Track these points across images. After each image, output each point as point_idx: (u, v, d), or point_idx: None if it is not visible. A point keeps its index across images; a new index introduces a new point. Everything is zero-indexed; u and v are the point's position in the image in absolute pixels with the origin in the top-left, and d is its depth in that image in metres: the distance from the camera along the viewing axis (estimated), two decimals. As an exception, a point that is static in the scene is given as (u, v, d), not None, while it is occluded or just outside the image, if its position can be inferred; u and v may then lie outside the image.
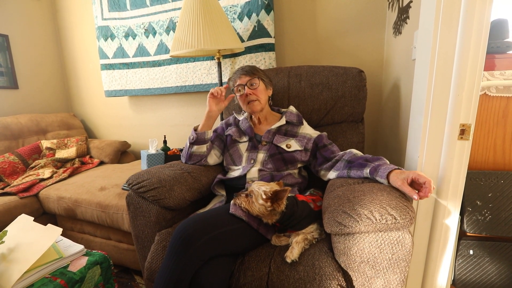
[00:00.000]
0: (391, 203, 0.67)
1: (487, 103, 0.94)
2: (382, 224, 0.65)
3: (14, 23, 2.03)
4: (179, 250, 0.71)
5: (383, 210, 0.66)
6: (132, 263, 1.37)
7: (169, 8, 1.77)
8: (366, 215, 0.66)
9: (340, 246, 0.73)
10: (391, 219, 0.65)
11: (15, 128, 1.84)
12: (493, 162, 0.97)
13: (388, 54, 1.39)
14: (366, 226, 0.66)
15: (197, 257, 0.71)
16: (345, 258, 0.71)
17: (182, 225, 0.76)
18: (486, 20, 0.75)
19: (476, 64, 0.77)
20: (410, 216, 0.65)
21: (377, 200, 0.69)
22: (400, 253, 0.67)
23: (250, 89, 1.08)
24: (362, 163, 0.89)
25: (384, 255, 0.67)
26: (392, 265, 0.67)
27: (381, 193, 0.72)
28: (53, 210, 1.50)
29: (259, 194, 0.80)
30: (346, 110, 1.22)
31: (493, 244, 0.98)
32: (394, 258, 0.67)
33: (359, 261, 0.69)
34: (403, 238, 0.67)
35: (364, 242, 0.68)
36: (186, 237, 0.72)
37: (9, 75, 2.02)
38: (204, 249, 0.72)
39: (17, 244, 0.86)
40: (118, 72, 2.01)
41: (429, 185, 0.69)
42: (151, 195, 0.93)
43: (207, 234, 0.74)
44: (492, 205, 0.96)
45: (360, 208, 0.68)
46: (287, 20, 1.60)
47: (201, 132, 1.09)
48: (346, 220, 0.68)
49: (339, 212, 0.71)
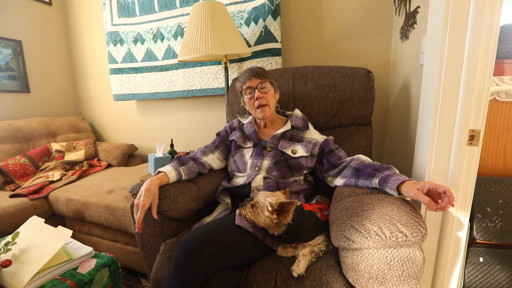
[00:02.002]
0: (402, 219, 0.65)
1: (497, 109, 0.93)
2: (392, 241, 0.63)
3: (27, 29, 2.09)
4: (185, 263, 0.70)
5: (393, 227, 0.63)
6: (139, 266, 1.38)
7: (177, 14, 1.80)
8: (376, 232, 0.64)
9: (348, 261, 0.70)
10: (402, 236, 0.62)
11: (26, 131, 1.89)
12: (503, 168, 0.96)
13: (395, 59, 1.39)
14: (375, 243, 0.64)
15: (203, 270, 0.70)
16: (353, 274, 0.69)
17: (187, 237, 0.75)
18: (496, 25, 0.75)
19: (485, 69, 0.77)
20: (421, 234, 0.63)
21: (387, 216, 0.66)
22: (411, 270, 0.64)
23: (261, 92, 1.05)
24: (370, 172, 0.85)
25: (393, 272, 0.65)
26: (402, 282, 0.65)
27: (391, 207, 0.69)
28: (62, 212, 1.53)
29: (265, 205, 0.79)
30: (353, 112, 1.18)
31: (504, 252, 0.96)
32: (404, 275, 0.65)
33: (367, 277, 0.67)
34: (414, 256, 0.64)
35: (373, 258, 0.66)
36: (192, 249, 0.71)
37: (21, 79, 2.07)
38: (210, 261, 0.71)
39: (28, 245, 0.88)
40: (126, 76, 2.05)
41: (450, 193, 0.64)
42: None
43: (213, 246, 0.73)
44: (503, 211, 0.94)
45: (369, 224, 0.66)
46: (293, 25, 1.61)
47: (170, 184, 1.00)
48: (355, 235, 0.67)
49: (347, 227, 0.69)
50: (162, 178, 0.97)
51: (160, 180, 0.95)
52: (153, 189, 0.90)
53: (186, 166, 1.05)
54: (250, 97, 1.07)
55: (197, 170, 1.08)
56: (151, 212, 0.89)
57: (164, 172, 0.99)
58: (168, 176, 0.98)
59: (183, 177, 1.03)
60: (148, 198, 0.88)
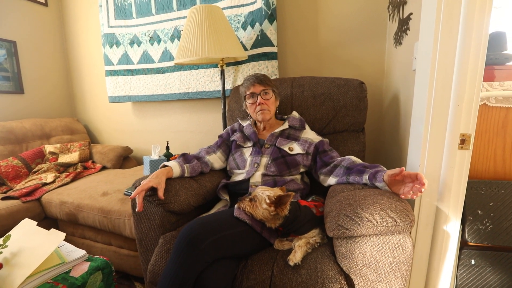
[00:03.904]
0: (391, 206, 0.69)
1: (487, 113, 0.95)
2: (383, 226, 0.67)
3: (22, 29, 2.07)
4: (184, 252, 0.72)
5: (384, 213, 0.67)
6: (132, 269, 1.36)
7: (174, 17, 1.80)
8: (367, 218, 0.68)
9: (342, 250, 0.74)
10: (392, 221, 0.66)
11: (19, 132, 1.86)
12: (493, 171, 0.98)
13: (389, 64, 1.41)
14: (367, 229, 0.68)
15: (202, 259, 0.72)
16: (347, 262, 0.72)
17: (187, 227, 0.77)
18: (485, 32, 0.77)
19: (475, 75, 0.79)
20: (410, 219, 0.67)
21: (378, 204, 0.70)
22: (401, 256, 0.68)
23: (263, 98, 1.12)
24: (361, 169, 0.91)
25: (385, 259, 0.69)
26: (394, 268, 0.69)
27: (381, 197, 0.73)
28: (55, 214, 1.51)
29: (263, 198, 0.82)
30: (347, 120, 1.26)
31: (495, 254, 0.97)
32: (395, 261, 0.68)
33: (361, 264, 0.70)
34: (404, 242, 0.68)
35: (366, 246, 0.70)
36: (192, 238, 0.73)
37: (15, 80, 2.05)
38: (209, 250, 0.73)
39: (20, 248, 0.86)
40: (122, 78, 2.04)
41: (421, 177, 0.71)
42: (156, 199, 0.94)
43: (212, 236, 0.75)
44: (493, 214, 0.96)
45: (361, 211, 0.70)
46: (289, 30, 1.63)
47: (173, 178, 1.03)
48: (348, 223, 0.70)
49: (341, 216, 0.73)
50: (169, 171, 1.01)
51: (167, 172, 1.00)
52: (161, 176, 0.96)
53: (190, 165, 1.10)
54: (253, 102, 1.14)
55: (200, 169, 1.13)
56: (157, 193, 0.92)
57: (170, 166, 1.03)
58: (173, 170, 1.02)
59: (186, 174, 1.07)
60: (156, 179, 0.93)
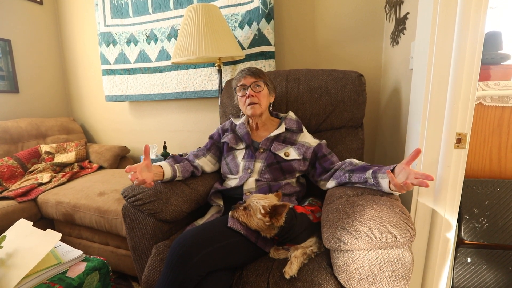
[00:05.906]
0: (391, 221, 0.66)
1: (483, 113, 0.96)
2: (382, 242, 0.65)
3: (16, 28, 2.05)
4: (177, 265, 0.70)
5: (383, 228, 0.65)
6: (130, 269, 1.36)
7: (171, 15, 1.79)
8: (366, 233, 0.66)
9: (339, 263, 0.71)
10: (391, 237, 0.64)
11: (14, 132, 1.84)
12: (489, 170, 0.99)
13: (386, 63, 1.42)
14: (365, 244, 0.66)
15: (195, 272, 0.70)
16: (344, 275, 0.70)
17: (179, 240, 0.75)
18: (481, 31, 0.77)
19: (471, 75, 0.80)
20: (410, 235, 0.64)
21: (377, 217, 0.68)
22: (400, 271, 0.66)
23: (253, 91, 1.05)
24: (364, 167, 0.89)
25: (383, 273, 0.66)
26: (392, 283, 0.66)
27: (381, 209, 0.71)
28: (51, 215, 1.49)
29: (257, 208, 0.79)
30: (345, 115, 1.20)
31: (491, 252, 0.98)
32: (394, 276, 0.66)
33: (358, 278, 0.68)
34: (403, 256, 0.66)
35: (364, 259, 0.68)
36: (183, 252, 0.71)
37: (10, 79, 2.03)
38: (202, 264, 0.70)
39: (16, 249, 0.86)
40: (119, 77, 2.03)
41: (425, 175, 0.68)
42: (147, 208, 0.92)
43: (205, 248, 0.72)
44: (489, 212, 0.97)
45: (360, 225, 0.67)
46: (287, 29, 1.63)
47: (161, 181, 1.01)
48: (345, 237, 0.68)
49: (338, 228, 0.71)
50: (157, 166, 0.99)
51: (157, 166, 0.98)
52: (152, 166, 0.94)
53: (181, 164, 1.06)
54: (242, 94, 1.08)
55: (191, 169, 1.09)
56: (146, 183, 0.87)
57: (159, 165, 0.99)
58: (163, 169, 0.99)
59: (178, 174, 1.03)
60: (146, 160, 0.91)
